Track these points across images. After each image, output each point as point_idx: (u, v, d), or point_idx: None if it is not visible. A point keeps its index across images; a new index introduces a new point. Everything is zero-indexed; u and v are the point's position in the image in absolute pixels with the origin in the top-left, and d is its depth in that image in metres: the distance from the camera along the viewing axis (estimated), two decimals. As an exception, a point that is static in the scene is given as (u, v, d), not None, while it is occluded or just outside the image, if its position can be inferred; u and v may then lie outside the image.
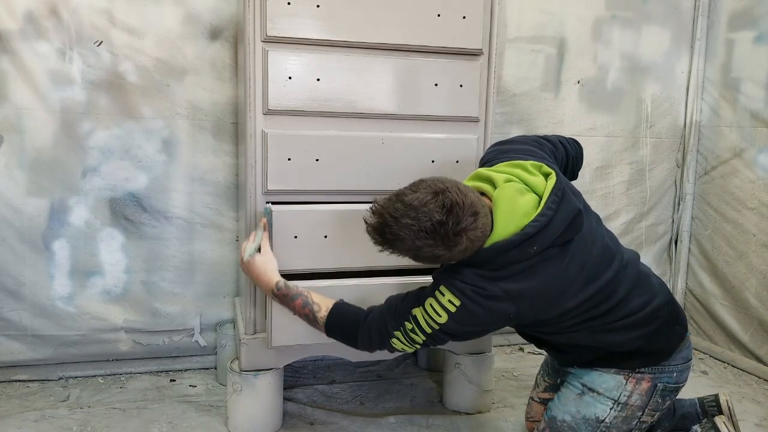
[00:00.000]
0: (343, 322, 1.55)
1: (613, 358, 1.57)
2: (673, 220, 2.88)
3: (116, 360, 2.31)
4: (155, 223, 2.25)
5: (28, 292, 2.16)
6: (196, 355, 2.39)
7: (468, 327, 1.46)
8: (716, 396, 1.78)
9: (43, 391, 2.17)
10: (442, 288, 1.44)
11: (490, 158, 1.62)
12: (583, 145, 1.81)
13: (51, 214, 2.15)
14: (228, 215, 2.31)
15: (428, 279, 1.84)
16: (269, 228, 1.75)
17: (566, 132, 2.61)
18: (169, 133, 2.22)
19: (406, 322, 1.47)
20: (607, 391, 1.57)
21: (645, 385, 1.56)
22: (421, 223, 1.33)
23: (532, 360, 2.60)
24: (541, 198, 1.43)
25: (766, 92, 2.47)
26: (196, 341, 2.37)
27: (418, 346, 1.50)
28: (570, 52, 2.61)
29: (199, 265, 2.32)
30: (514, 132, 2.58)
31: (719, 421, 1.69)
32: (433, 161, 1.91)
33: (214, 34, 2.22)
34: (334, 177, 1.85)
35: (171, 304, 2.31)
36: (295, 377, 2.35)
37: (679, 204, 2.86)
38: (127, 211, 2.22)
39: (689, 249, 2.87)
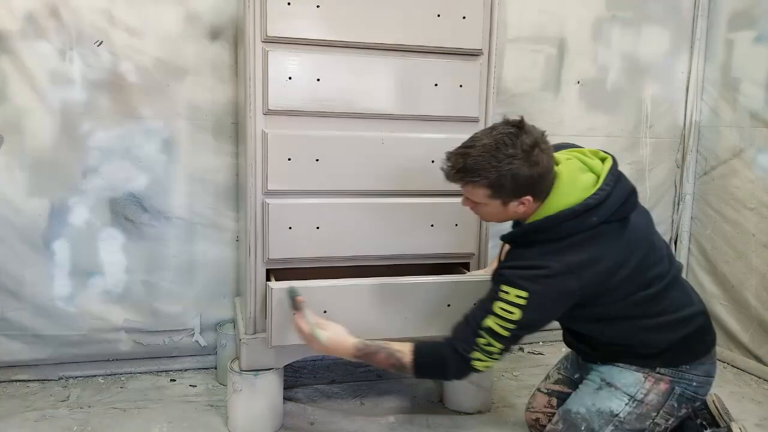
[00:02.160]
0: (430, 361, 1.58)
1: (639, 356, 1.61)
2: (672, 220, 2.88)
3: (116, 360, 2.31)
4: (155, 223, 2.25)
5: (29, 292, 2.16)
6: (196, 355, 2.39)
7: (542, 313, 1.51)
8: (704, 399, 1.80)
9: (43, 391, 2.17)
10: (503, 287, 1.49)
11: None
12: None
13: (51, 214, 2.15)
14: (228, 215, 2.31)
15: (422, 279, 1.86)
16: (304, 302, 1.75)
17: (566, 132, 2.62)
18: (169, 133, 2.22)
19: (478, 339, 1.50)
20: (624, 387, 1.61)
21: (663, 386, 1.59)
22: (497, 138, 1.45)
23: (532, 360, 2.60)
24: (599, 177, 1.52)
25: (766, 92, 2.47)
26: (197, 341, 2.37)
27: (499, 357, 1.53)
28: (570, 53, 2.61)
29: (200, 265, 2.32)
30: (514, 132, 2.57)
31: (734, 427, 1.70)
32: (433, 161, 1.91)
33: (214, 34, 2.22)
34: (334, 177, 1.85)
35: (171, 304, 2.31)
36: (295, 377, 2.35)
37: (678, 204, 2.86)
38: (128, 211, 2.22)
39: (689, 249, 2.87)
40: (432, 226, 1.94)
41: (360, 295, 1.81)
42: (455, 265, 2.04)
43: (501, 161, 1.44)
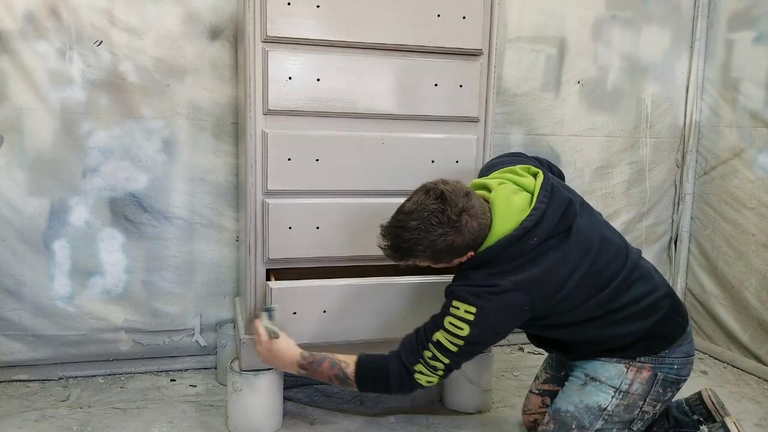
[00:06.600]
0: (372, 373, 1.58)
1: (615, 349, 1.62)
2: (672, 220, 2.88)
3: (116, 360, 2.31)
4: (155, 223, 2.25)
5: (29, 292, 2.16)
6: (196, 355, 2.39)
7: (490, 330, 1.51)
8: (699, 393, 1.82)
9: (43, 391, 2.17)
10: (455, 303, 1.51)
11: (482, 173, 1.76)
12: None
13: (51, 214, 2.15)
14: (228, 215, 2.31)
15: (420, 279, 1.86)
16: (272, 320, 1.76)
17: (566, 132, 2.62)
18: (169, 133, 2.22)
19: (424, 351, 1.52)
20: (608, 380, 1.61)
21: (645, 374, 1.60)
22: (424, 218, 1.47)
23: (532, 360, 2.60)
24: (533, 195, 1.53)
25: (766, 92, 2.47)
26: (197, 341, 2.37)
27: (441, 374, 1.53)
28: (570, 52, 2.61)
29: (200, 265, 2.32)
30: (515, 132, 2.58)
31: (729, 422, 1.70)
32: (433, 161, 1.91)
33: (214, 34, 2.22)
34: (334, 177, 1.85)
35: (171, 304, 2.31)
36: (295, 377, 2.35)
37: (678, 204, 2.86)
38: (128, 211, 2.22)
39: (689, 249, 2.87)
40: (432, 226, 1.94)
41: (360, 295, 1.81)
42: (455, 265, 2.05)
43: (434, 241, 1.47)
